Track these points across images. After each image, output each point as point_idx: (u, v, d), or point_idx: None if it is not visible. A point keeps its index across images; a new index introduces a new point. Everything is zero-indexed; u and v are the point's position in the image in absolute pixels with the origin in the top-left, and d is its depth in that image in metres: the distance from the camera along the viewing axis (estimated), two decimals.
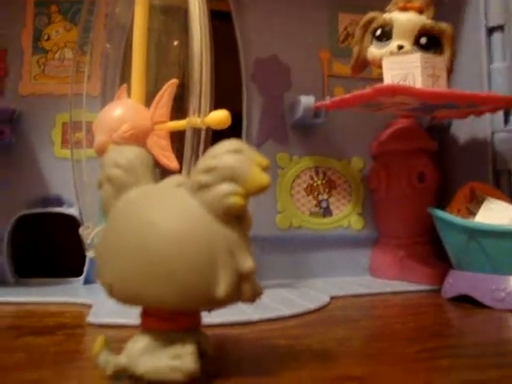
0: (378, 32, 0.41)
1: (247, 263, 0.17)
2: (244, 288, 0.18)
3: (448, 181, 0.48)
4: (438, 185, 0.48)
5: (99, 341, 0.18)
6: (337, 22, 0.51)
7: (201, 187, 0.18)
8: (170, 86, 0.36)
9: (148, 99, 0.37)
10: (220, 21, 0.43)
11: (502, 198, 0.38)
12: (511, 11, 0.43)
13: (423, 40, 0.40)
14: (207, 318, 0.27)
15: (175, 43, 0.45)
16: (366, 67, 0.44)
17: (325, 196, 0.49)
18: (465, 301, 0.34)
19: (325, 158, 0.49)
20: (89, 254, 0.38)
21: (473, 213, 0.39)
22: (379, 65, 0.41)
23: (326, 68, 0.50)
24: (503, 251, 0.33)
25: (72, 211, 0.44)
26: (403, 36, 0.40)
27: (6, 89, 0.46)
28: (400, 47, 0.40)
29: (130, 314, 0.25)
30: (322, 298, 0.35)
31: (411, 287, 0.41)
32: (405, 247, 0.46)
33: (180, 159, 0.34)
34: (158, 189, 0.19)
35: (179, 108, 0.37)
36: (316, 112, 0.45)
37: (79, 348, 0.24)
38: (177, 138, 0.36)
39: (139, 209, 0.18)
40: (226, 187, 0.17)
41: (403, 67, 0.38)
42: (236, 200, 0.17)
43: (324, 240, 0.48)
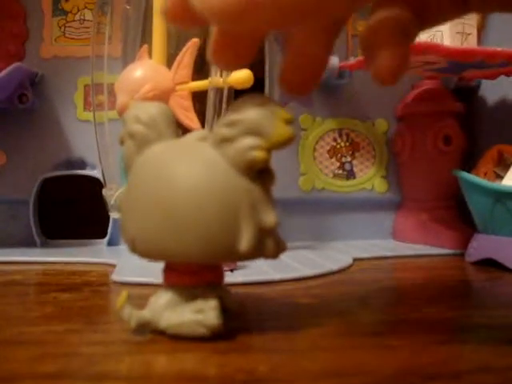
0: None
1: (270, 218, 0.17)
2: (267, 243, 0.18)
3: (475, 144, 0.47)
4: (465, 148, 0.46)
5: (122, 296, 0.18)
6: None
7: (223, 141, 0.17)
8: (192, 46, 0.35)
9: (169, 60, 0.37)
10: None
11: None
12: None
13: None
14: (229, 278, 0.28)
15: None
16: None
17: (348, 158, 0.48)
18: (489, 265, 0.34)
19: (349, 120, 0.48)
20: (112, 216, 0.39)
21: (500, 176, 0.38)
22: None
23: (350, 27, 0.49)
24: None
25: (95, 173, 0.44)
26: None
27: (28, 52, 0.46)
28: None
29: (153, 273, 0.25)
30: (345, 260, 0.35)
31: (435, 251, 0.41)
32: (429, 211, 0.46)
33: (202, 120, 0.34)
34: (181, 143, 0.19)
35: (201, 68, 0.36)
36: (340, 72, 0.44)
37: (104, 303, 0.25)
38: (199, 99, 0.35)
39: (162, 163, 0.18)
40: (249, 141, 0.17)
41: None
42: (259, 154, 0.17)
43: (347, 202, 0.48)
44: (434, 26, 0.18)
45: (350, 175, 0.48)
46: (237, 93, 0.33)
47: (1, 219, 0.45)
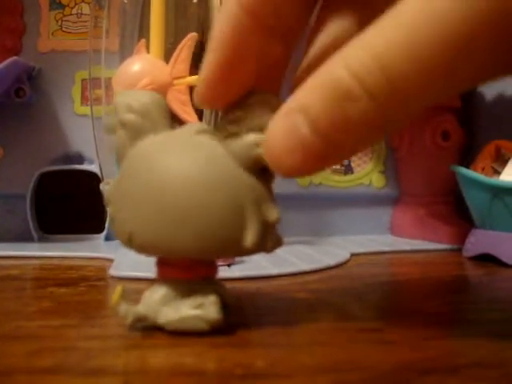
0: None
1: (273, 213, 0.17)
2: (268, 238, 0.18)
3: (473, 139, 0.47)
4: (463, 143, 0.46)
5: (117, 291, 0.18)
6: None
7: (228, 136, 0.17)
8: (189, 40, 0.35)
9: (167, 54, 0.37)
10: None
11: None
12: None
13: None
14: (227, 273, 0.28)
15: None
16: None
17: None
18: (487, 260, 0.34)
19: None
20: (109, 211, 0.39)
21: (497, 171, 0.38)
22: None
23: None
24: None
25: (93, 168, 0.44)
26: None
27: (24, 46, 0.46)
28: None
29: (150, 268, 0.25)
30: (342, 255, 0.35)
31: (432, 246, 0.41)
32: (426, 206, 0.46)
33: (199, 114, 0.34)
34: (180, 135, 0.18)
35: (199, 62, 0.36)
36: None
37: (102, 298, 0.24)
38: None
39: (162, 155, 0.17)
40: (256, 137, 0.17)
41: None
42: None
43: (344, 198, 0.48)
44: None
45: (348, 170, 0.48)
46: None
47: None
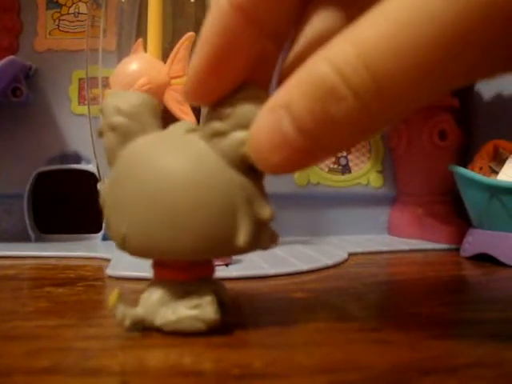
0: None
1: (266, 211, 0.17)
2: (262, 236, 0.18)
3: (470, 139, 0.47)
4: (460, 143, 0.46)
5: (114, 294, 0.18)
6: None
7: (216, 134, 0.17)
8: (187, 40, 0.35)
9: (164, 54, 0.37)
10: None
11: None
12: None
13: None
14: (224, 272, 0.27)
15: None
16: None
17: (343, 153, 0.48)
18: (484, 260, 0.34)
19: None
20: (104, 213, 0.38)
21: (495, 171, 0.38)
22: None
23: None
24: None
25: (90, 167, 0.44)
26: None
27: (21, 45, 0.46)
28: None
29: (147, 268, 0.25)
30: (340, 254, 0.35)
31: (430, 245, 0.41)
32: (424, 206, 0.46)
33: (197, 114, 0.34)
34: (169, 135, 0.18)
35: None
36: None
37: (99, 298, 0.24)
38: None
39: (152, 156, 0.17)
40: (243, 134, 0.16)
41: None
42: None
43: (342, 197, 0.48)
44: None
45: (346, 170, 0.48)
46: None
47: None
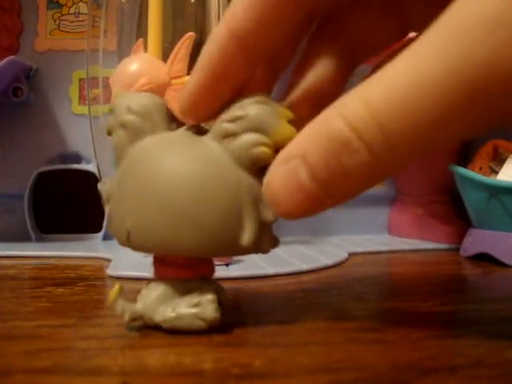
0: None
1: (270, 213, 0.17)
2: (265, 238, 0.18)
3: (470, 138, 0.47)
4: (460, 142, 0.46)
5: (115, 289, 0.18)
6: None
7: (226, 136, 0.17)
8: (187, 40, 0.35)
9: (165, 54, 0.37)
10: None
11: None
12: None
13: None
14: (224, 272, 0.28)
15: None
16: None
17: None
18: (484, 259, 0.34)
19: None
20: (107, 210, 0.38)
21: (495, 171, 0.38)
22: None
23: None
24: None
25: (90, 167, 0.44)
26: None
27: (22, 45, 0.46)
28: None
29: (148, 267, 0.25)
30: (340, 254, 0.35)
31: (430, 245, 0.41)
32: (424, 205, 0.46)
33: None
34: (179, 136, 0.18)
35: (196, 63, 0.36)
36: None
37: (99, 298, 0.24)
38: None
39: (161, 154, 0.18)
40: (254, 137, 0.17)
41: None
42: (264, 150, 0.17)
43: None
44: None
45: None
46: None
47: None
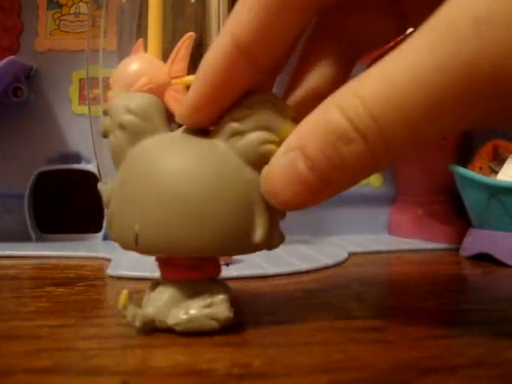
0: None
1: (279, 210, 0.18)
2: (274, 235, 0.18)
3: (470, 138, 0.47)
4: (460, 143, 0.46)
5: (123, 295, 0.18)
6: None
7: (233, 134, 0.17)
8: (187, 40, 0.35)
9: (165, 54, 0.37)
10: None
11: None
12: None
13: None
14: (224, 272, 0.27)
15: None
16: None
17: None
18: (484, 259, 0.34)
19: None
20: (108, 213, 0.38)
21: (495, 171, 0.38)
22: None
23: None
24: None
25: (90, 167, 0.44)
26: None
27: (22, 45, 0.46)
28: None
29: (148, 267, 0.25)
30: (340, 254, 0.35)
31: (430, 245, 0.41)
32: (424, 205, 0.46)
33: None
34: (181, 135, 0.18)
35: (196, 62, 0.36)
36: None
37: (100, 298, 0.24)
38: None
39: (166, 154, 0.17)
40: (262, 135, 0.17)
41: None
42: (272, 147, 0.17)
43: (342, 197, 0.47)
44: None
45: None
46: None
47: None
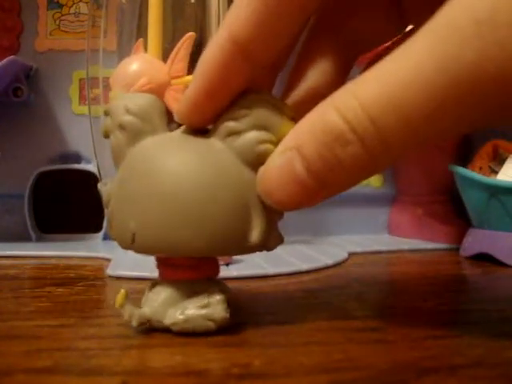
0: None
1: (276, 210, 0.17)
2: (272, 235, 0.18)
3: (470, 139, 0.47)
4: (460, 143, 0.46)
5: (121, 294, 0.18)
6: None
7: (230, 134, 0.17)
8: (187, 40, 0.35)
9: (165, 54, 0.37)
10: None
11: None
12: None
13: None
14: (224, 272, 0.28)
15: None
16: None
17: None
18: (484, 259, 0.34)
19: None
20: (107, 212, 0.38)
21: (495, 171, 0.38)
22: None
23: None
24: None
25: (90, 167, 0.44)
26: None
27: (22, 45, 0.46)
28: None
29: (148, 268, 0.25)
30: (340, 254, 0.35)
31: (430, 245, 0.41)
32: (424, 205, 0.46)
33: None
34: (180, 135, 0.18)
35: (196, 62, 0.36)
36: None
37: (99, 298, 0.24)
38: None
39: (165, 154, 0.17)
40: (259, 134, 0.17)
41: None
42: (269, 147, 0.17)
43: (342, 197, 0.47)
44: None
45: None
46: None
47: None
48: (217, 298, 0.18)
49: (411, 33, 0.14)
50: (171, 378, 0.14)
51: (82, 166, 0.45)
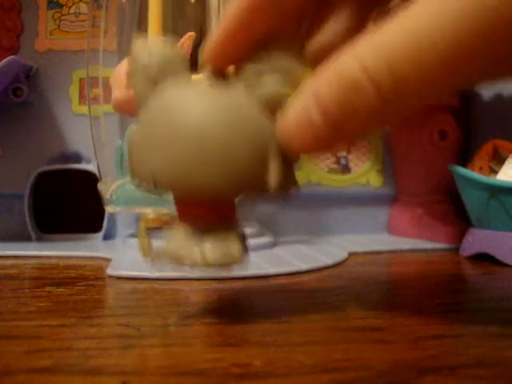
0: None
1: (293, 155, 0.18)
2: (288, 180, 0.18)
3: (470, 138, 0.47)
4: (460, 143, 0.47)
5: (141, 226, 0.18)
6: None
7: (251, 77, 0.18)
8: (187, 40, 0.35)
9: None
10: None
11: None
12: None
13: None
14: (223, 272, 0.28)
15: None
16: None
17: (343, 153, 0.48)
18: (484, 259, 0.34)
19: None
20: (108, 210, 0.38)
21: (495, 171, 0.38)
22: None
23: None
24: None
25: (90, 167, 0.44)
26: None
27: (22, 45, 0.46)
28: None
29: (148, 267, 0.25)
30: (340, 254, 0.35)
31: (430, 245, 0.41)
32: (424, 205, 0.46)
33: None
34: (203, 78, 0.18)
35: (196, 62, 0.36)
36: None
37: (99, 298, 0.24)
38: None
39: (188, 95, 0.18)
40: (279, 79, 0.17)
41: None
42: (288, 92, 0.17)
43: (342, 197, 0.48)
44: None
45: (346, 169, 0.48)
46: None
47: None
48: (233, 235, 0.18)
49: None
50: (171, 378, 0.14)
51: (82, 166, 0.45)
